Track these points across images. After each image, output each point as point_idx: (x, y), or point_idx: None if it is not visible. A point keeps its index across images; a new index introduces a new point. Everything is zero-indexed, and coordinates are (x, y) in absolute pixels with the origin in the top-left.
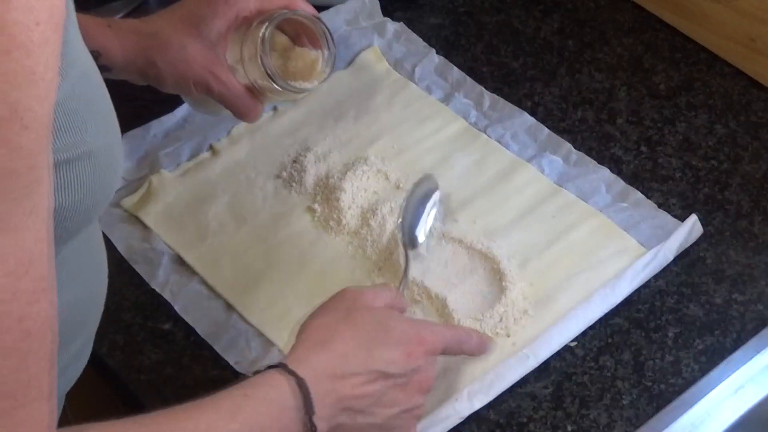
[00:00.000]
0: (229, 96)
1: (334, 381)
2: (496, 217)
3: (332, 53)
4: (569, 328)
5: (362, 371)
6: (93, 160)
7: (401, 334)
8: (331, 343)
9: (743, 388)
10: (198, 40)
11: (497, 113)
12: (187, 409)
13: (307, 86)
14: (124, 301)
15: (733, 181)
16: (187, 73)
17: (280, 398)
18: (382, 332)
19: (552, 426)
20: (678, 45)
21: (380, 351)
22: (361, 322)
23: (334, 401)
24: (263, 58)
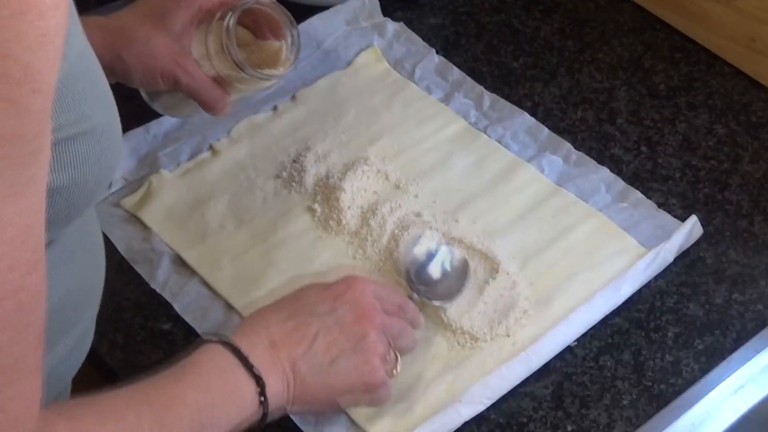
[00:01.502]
0: (197, 87)
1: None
2: (496, 217)
3: (296, 40)
4: (570, 329)
5: (291, 318)
6: (95, 137)
7: (325, 284)
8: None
9: (743, 388)
10: (163, 33)
11: (497, 113)
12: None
13: (275, 73)
14: (124, 301)
15: (733, 181)
16: (155, 66)
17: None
18: (314, 289)
19: (552, 426)
20: (678, 45)
21: (305, 298)
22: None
23: (270, 350)
24: (229, 47)
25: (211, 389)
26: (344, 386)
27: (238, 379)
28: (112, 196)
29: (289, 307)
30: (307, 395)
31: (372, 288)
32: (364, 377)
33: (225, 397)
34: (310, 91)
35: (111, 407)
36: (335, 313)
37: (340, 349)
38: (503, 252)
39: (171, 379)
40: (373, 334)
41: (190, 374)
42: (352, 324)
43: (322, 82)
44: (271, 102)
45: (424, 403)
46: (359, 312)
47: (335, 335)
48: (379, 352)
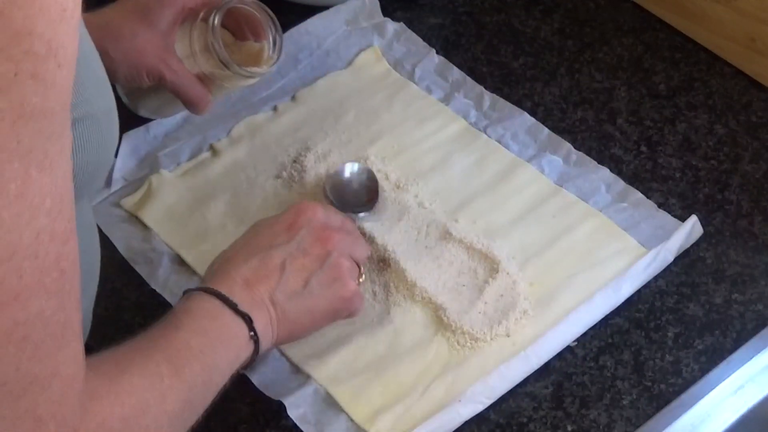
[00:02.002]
0: (181, 84)
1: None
2: (496, 217)
3: (278, 40)
4: (570, 329)
5: (255, 255)
6: (95, 122)
7: (274, 218)
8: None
9: (743, 388)
10: (148, 29)
11: (497, 113)
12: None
13: (258, 71)
14: (124, 301)
15: (733, 181)
16: (140, 62)
17: (205, 306)
18: (264, 225)
19: (552, 426)
20: (678, 45)
21: (260, 235)
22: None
23: (246, 289)
24: (215, 45)
25: (209, 332)
26: (322, 305)
27: (228, 321)
28: (112, 196)
29: (249, 246)
30: (289, 323)
31: (320, 209)
32: (338, 292)
33: (221, 338)
34: (310, 91)
35: (132, 360)
36: (294, 240)
37: (309, 272)
38: (503, 252)
39: (171, 328)
40: (334, 252)
41: (186, 321)
42: (313, 246)
43: (322, 82)
44: (271, 102)
45: (424, 403)
46: (316, 234)
47: (301, 260)
48: (345, 266)
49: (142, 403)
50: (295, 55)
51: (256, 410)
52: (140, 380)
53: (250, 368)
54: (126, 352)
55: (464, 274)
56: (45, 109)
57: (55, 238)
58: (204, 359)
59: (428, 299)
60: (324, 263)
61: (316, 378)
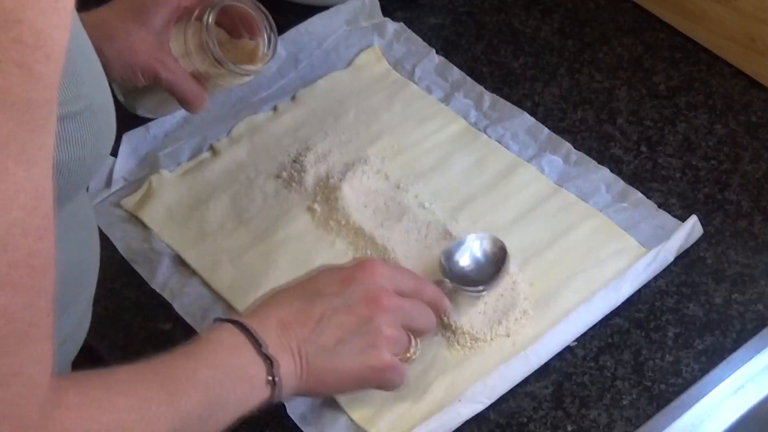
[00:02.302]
0: (177, 82)
1: (274, 312)
2: (496, 217)
3: (273, 38)
4: (570, 329)
5: (299, 299)
6: (92, 115)
7: (336, 267)
8: (274, 296)
9: (743, 388)
10: (143, 28)
11: (497, 113)
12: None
13: (253, 68)
14: (124, 301)
15: (733, 181)
16: (135, 60)
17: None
18: (326, 271)
19: (552, 426)
20: (678, 45)
21: (316, 280)
22: (303, 277)
23: (278, 330)
24: (209, 43)
25: (222, 367)
26: (349, 369)
27: (249, 359)
28: (112, 196)
29: (300, 288)
30: (312, 377)
31: (385, 270)
32: (369, 360)
33: (235, 375)
34: (310, 91)
35: (121, 380)
36: (343, 294)
37: (346, 331)
38: None
39: (182, 355)
40: (380, 317)
41: (201, 351)
42: (360, 305)
43: (322, 82)
44: (271, 102)
45: (424, 404)
46: (368, 294)
47: (342, 317)
48: (386, 335)
49: (117, 424)
50: (295, 55)
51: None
52: (122, 400)
53: None
54: (118, 371)
55: None
56: (29, 100)
57: (28, 234)
58: (208, 393)
59: None
60: (364, 325)
61: None
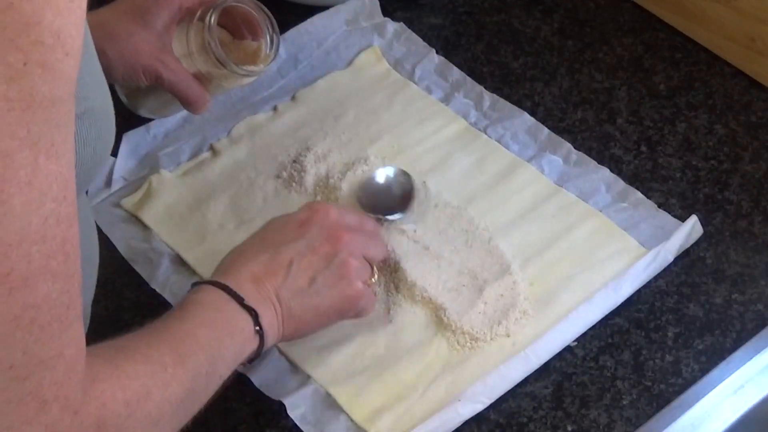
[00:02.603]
0: (179, 83)
1: (244, 268)
2: (496, 217)
3: (275, 38)
4: (570, 329)
5: (264, 251)
6: (93, 117)
7: (288, 216)
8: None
9: (743, 388)
10: (145, 29)
11: (497, 113)
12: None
13: (255, 69)
14: (124, 301)
15: (733, 181)
16: (137, 61)
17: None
18: (273, 223)
19: (552, 426)
20: (678, 45)
21: (272, 231)
22: (259, 230)
23: (254, 284)
24: (211, 44)
25: (215, 324)
26: (327, 303)
27: (234, 314)
28: (112, 196)
29: (260, 242)
30: (294, 320)
31: (334, 209)
32: (344, 291)
33: (227, 330)
34: (310, 91)
35: (137, 347)
36: (304, 238)
37: (316, 270)
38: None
39: (177, 319)
40: (344, 250)
41: (193, 313)
42: (323, 244)
43: (322, 82)
44: (271, 102)
45: (424, 403)
46: (327, 232)
47: (309, 258)
48: (353, 266)
49: (144, 389)
50: (295, 55)
51: (256, 410)
52: (143, 367)
53: (251, 366)
54: (130, 340)
55: (464, 274)
56: (54, 97)
57: (61, 223)
58: (209, 350)
59: (428, 299)
60: (331, 262)
61: (316, 378)
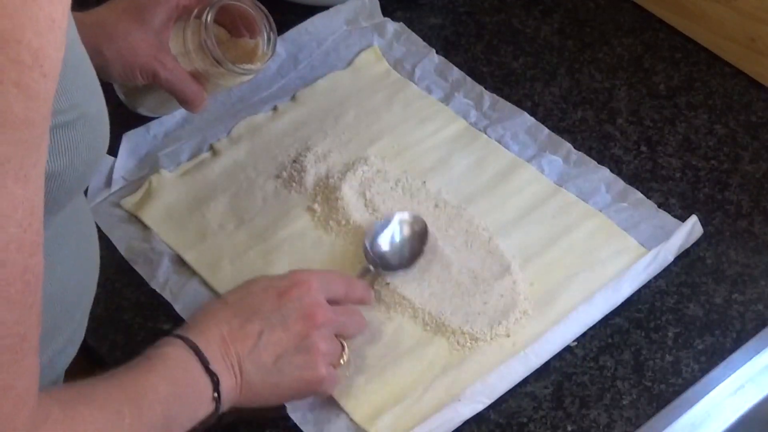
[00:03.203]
0: (176, 82)
1: (215, 328)
2: (496, 217)
3: (272, 37)
4: (570, 329)
5: (238, 316)
6: (86, 123)
7: (271, 281)
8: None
9: (743, 388)
10: (142, 28)
11: (497, 113)
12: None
13: (252, 68)
14: (124, 301)
15: (733, 181)
16: (134, 60)
17: (180, 354)
18: (255, 285)
19: (552, 426)
20: (678, 45)
21: (252, 295)
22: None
23: (221, 347)
24: (208, 43)
25: (177, 383)
26: (287, 383)
27: (197, 376)
28: (112, 196)
29: (239, 304)
30: (252, 392)
31: (316, 282)
32: (306, 375)
33: (188, 390)
34: (310, 91)
35: (97, 394)
36: (279, 312)
37: (284, 349)
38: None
39: (143, 371)
40: (315, 333)
41: (158, 367)
42: (296, 322)
43: (322, 82)
44: (271, 102)
45: (424, 403)
46: (303, 310)
47: (279, 334)
48: (321, 350)
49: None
50: (295, 55)
51: (256, 410)
52: (99, 413)
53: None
54: (91, 385)
55: (464, 274)
56: (27, 119)
57: (23, 250)
58: (167, 407)
59: (428, 299)
60: (300, 343)
61: None
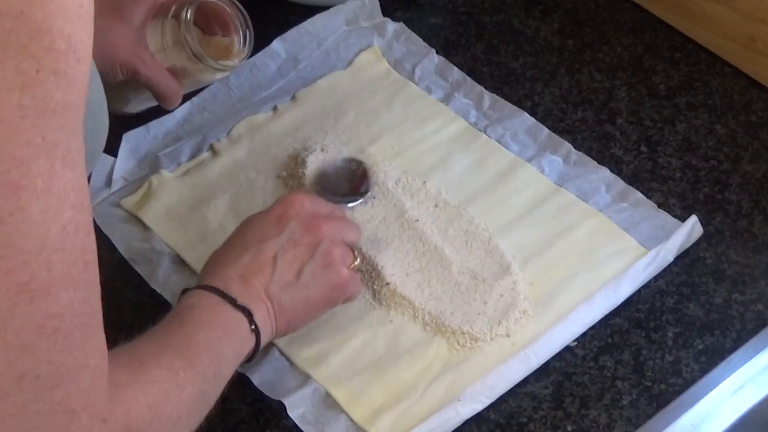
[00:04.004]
0: (155, 78)
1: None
2: (496, 217)
3: (248, 34)
4: (570, 329)
5: (246, 252)
6: (89, 111)
7: (263, 214)
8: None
9: (743, 388)
10: (121, 24)
11: (497, 113)
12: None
13: (230, 64)
14: (124, 301)
15: (733, 181)
16: (114, 56)
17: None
18: (249, 223)
19: (552, 426)
20: (678, 45)
21: (250, 230)
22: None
23: (242, 284)
24: (188, 39)
25: (213, 325)
26: (317, 294)
27: (229, 315)
28: (112, 196)
29: (241, 243)
30: (287, 314)
31: (307, 199)
32: (331, 281)
33: (225, 330)
34: (310, 91)
35: (149, 352)
36: (284, 233)
37: (302, 262)
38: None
39: (176, 325)
40: (325, 240)
41: (190, 317)
42: (303, 236)
43: (322, 82)
44: (271, 102)
45: (424, 403)
46: (305, 224)
47: (292, 252)
48: (336, 254)
49: (163, 392)
50: (295, 55)
51: (256, 410)
52: (158, 371)
53: (250, 366)
54: (139, 345)
55: (464, 274)
56: (67, 104)
57: (80, 231)
58: (212, 351)
59: (428, 299)
60: (315, 252)
61: (316, 378)
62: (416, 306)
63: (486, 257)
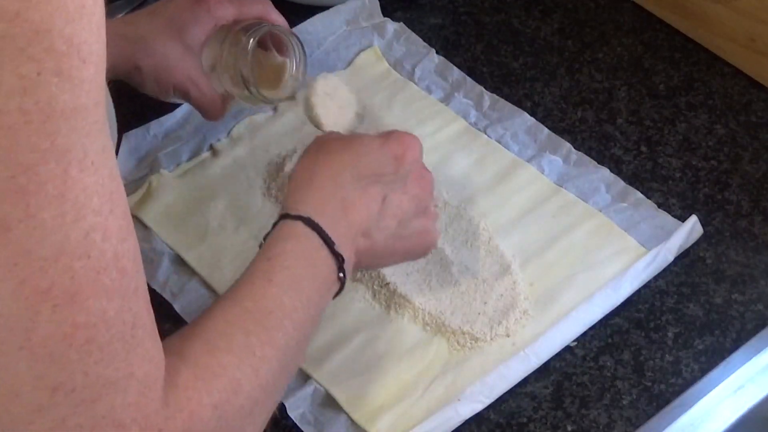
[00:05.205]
0: (205, 102)
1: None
2: (495, 217)
3: (302, 66)
4: (570, 329)
5: (360, 180)
6: None
7: (381, 143)
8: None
9: (743, 388)
10: (180, 46)
11: (497, 113)
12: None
13: (280, 96)
14: None
15: (733, 181)
16: (169, 79)
17: (302, 244)
18: (367, 146)
19: (552, 426)
20: (678, 45)
21: (367, 158)
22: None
23: (344, 217)
24: (243, 71)
25: (302, 282)
26: (406, 247)
27: (323, 264)
28: None
29: (355, 164)
30: (369, 258)
31: (419, 146)
32: (424, 240)
33: (314, 285)
34: None
35: (219, 333)
36: (398, 174)
37: (404, 212)
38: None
39: (263, 281)
40: (429, 195)
41: (279, 271)
42: (413, 185)
43: None
44: None
45: (424, 403)
46: (417, 172)
47: (399, 197)
48: (434, 213)
49: (232, 384)
50: None
51: None
52: (229, 358)
53: None
54: (212, 324)
55: (464, 273)
56: (76, 106)
57: (110, 237)
58: (297, 316)
59: (428, 299)
60: (418, 206)
61: (316, 378)
62: (416, 306)
63: (486, 257)
